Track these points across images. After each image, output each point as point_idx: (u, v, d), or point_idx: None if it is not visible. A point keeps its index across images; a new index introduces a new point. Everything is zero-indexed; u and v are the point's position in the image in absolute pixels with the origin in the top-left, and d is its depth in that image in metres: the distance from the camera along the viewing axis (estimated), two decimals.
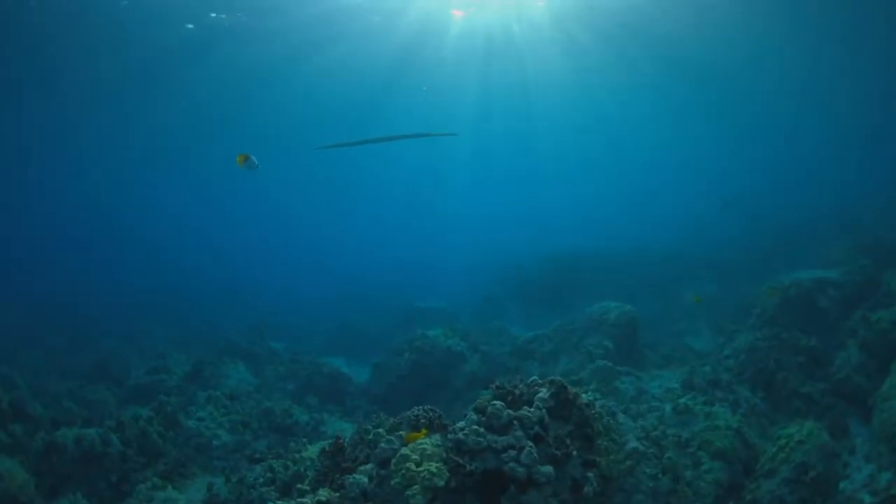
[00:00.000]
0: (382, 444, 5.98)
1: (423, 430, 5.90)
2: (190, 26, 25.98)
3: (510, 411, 5.70)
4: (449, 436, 5.68)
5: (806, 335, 13.56)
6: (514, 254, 32.61)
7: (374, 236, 67.89)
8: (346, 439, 7.15)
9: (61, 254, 60.94)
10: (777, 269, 21.16)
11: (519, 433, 5.56)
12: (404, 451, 5.62)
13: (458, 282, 32.95)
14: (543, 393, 5.97)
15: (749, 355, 13.19)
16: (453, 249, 51.16)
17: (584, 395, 6.42)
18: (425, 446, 5.63)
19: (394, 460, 5.58)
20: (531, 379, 6.25)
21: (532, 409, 5.75)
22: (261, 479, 9.20)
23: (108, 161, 49.43)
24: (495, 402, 5.78)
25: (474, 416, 5.76)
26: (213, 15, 25.26)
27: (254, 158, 8.39)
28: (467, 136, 47.12)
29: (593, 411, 6.14)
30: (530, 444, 5.49)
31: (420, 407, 6.54)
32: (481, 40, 28.94)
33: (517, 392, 6.04)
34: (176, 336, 26.46)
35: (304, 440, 11.06)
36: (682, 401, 11.07)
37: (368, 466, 5.94)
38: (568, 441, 5.66)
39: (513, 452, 5.43)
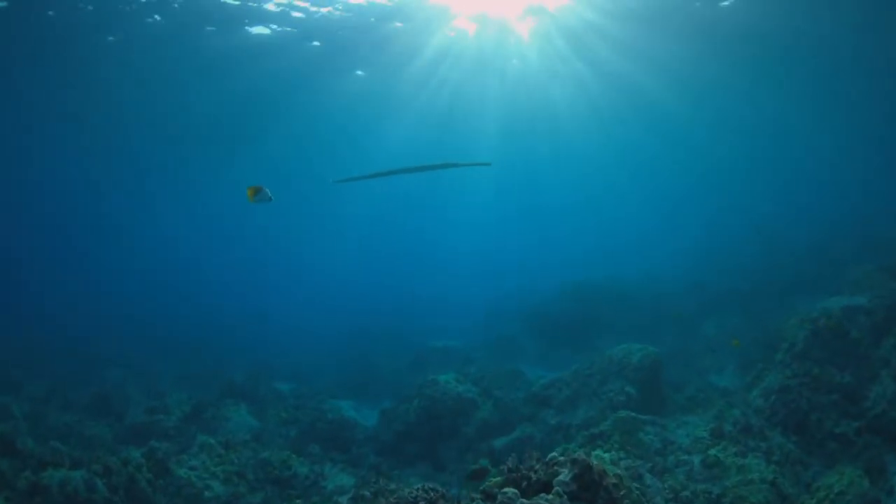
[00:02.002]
0: None
1: None
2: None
3: (525, 500, 4.93)
4: None
5: (839, 370, 12.75)
6: (531, 288, 32.05)
7: (389, 272, 67.39)
8: None
9: (72, 283, 61.03)
10: (800, 296, 20.47)
11: None
12: None
13: (473, 318, 32.29)
14: (564, 475, 5.19)
15: (780, 396, 12.34)
16: (469, 284, 50.53)
17: (608, 465, 5.68)
18: None
19: None
20: (550, 456, 5.48)
21: (551, 496, 4.98)
22: None
23: (124, 195, 49.94)
24: (507, 489, 5.01)
25: None
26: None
27: (267, 190, 8.05)
28: (483, 170, 46.89)
29: (622, 492, 5.36)
30: None
31: (420, 486, 5.83)
32: (498, 72, 28.71)
33: (533, 477, 5.27)
34: (182, 371, 25.98)
35: (299, 501, 10.34)
36: (712, 452, 10.26)
37: None
38: None
39: None
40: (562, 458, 5.45)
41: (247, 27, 23.91)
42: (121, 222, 62.20)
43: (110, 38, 23.95)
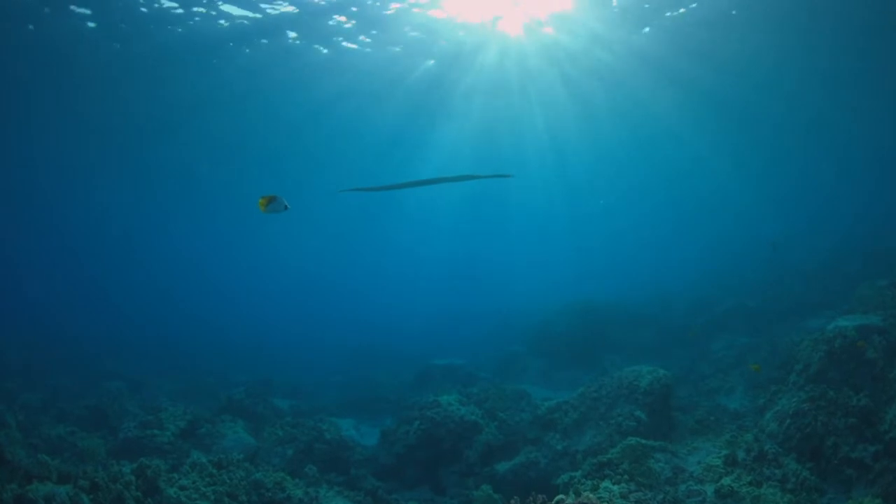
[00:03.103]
0: None
1: None
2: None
3: None
4: None
5: (856, 393, 12.30)
6: (537, 306, 31.75)
7: (396, 289, 67.31)
8: None
9: (73, 293, 61.26)
10: (809, 314, 20.10)
11: None
12: None
13: (478, 335, 32.03)
14: None
15: (795, 420, 11.88)
16: (474, 301, 50.33)
17: (618, 499, 5.27)
18: None
19: None
20: (556, 499, 5.09)
21: None
22: None
23: (131, 207, 50.13)
24: None
25: None
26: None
27: (283, 199, 7.59)
28: (491, 185, 47.22)
29: None
30: None
31: None
32: (492, 91, 28.56)
33: None
34: (181, 384, 25.82)
35: None
36: (725, 481, 9.81)
37: None
38: None
39: None
40: (570, 502, 5.06)
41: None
42: (125, 230, 62.31)
43: (117, 46, 23.84)
